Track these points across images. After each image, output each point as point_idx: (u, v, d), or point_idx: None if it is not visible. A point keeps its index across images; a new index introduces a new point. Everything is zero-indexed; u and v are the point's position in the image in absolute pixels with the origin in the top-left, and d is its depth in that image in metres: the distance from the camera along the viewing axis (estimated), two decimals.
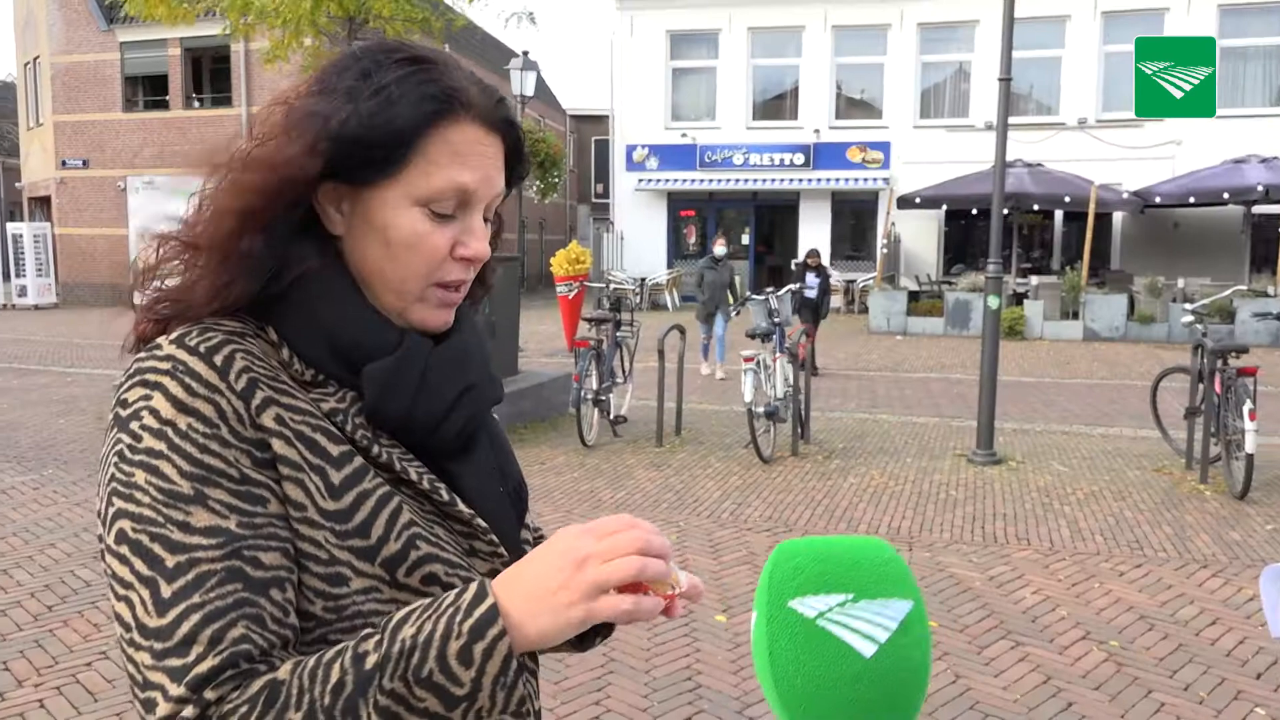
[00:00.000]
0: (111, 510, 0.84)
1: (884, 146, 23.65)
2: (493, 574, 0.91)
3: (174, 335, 0.88)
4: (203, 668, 0.78)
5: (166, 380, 0.85)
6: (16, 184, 32.47)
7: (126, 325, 0.95)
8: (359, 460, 0.90)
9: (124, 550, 0.82)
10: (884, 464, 7.73)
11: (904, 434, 9.01)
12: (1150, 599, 4.82)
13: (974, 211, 21.94)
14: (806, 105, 24.25)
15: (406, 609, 0.82)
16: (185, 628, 0.79)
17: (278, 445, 0.86)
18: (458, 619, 0.79)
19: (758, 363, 7.85)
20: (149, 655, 0.79)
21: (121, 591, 0.82)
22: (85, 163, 25.90)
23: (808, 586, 0.74)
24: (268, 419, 0.86)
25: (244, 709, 0.77)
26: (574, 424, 8.35)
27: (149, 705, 0.78)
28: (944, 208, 21.45)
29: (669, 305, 23.54)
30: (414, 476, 0.93)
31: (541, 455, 7.93)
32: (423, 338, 0.97)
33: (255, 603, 0.81)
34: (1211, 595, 4.87)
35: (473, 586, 0.82)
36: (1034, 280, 19.11)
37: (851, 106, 24.65)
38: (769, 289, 9.52)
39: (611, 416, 8.72)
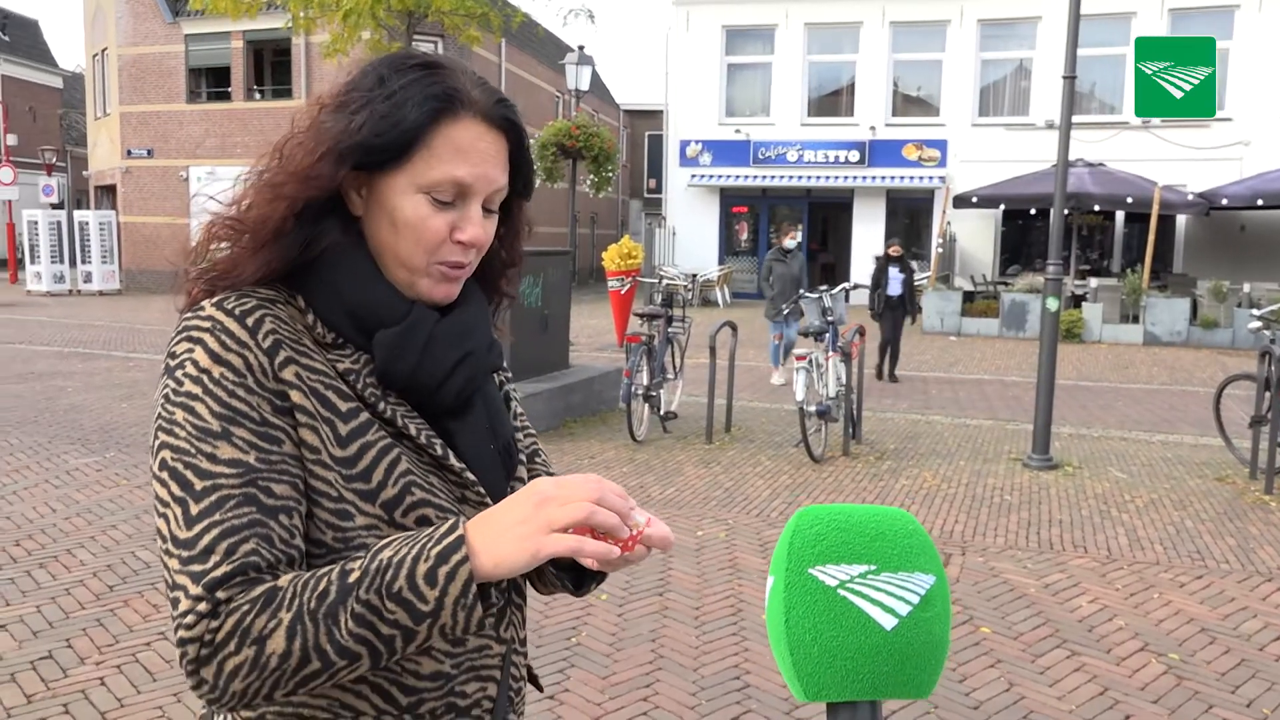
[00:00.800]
0: (157, 442, 0.99)
1: (941, 144, 23.36)
2: None
3: (216, 300, 1.03)
4: (217, 573, 0.92)
5: (206, 337, 1.00)
6: (84, 173, 33.32)
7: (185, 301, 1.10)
8: (365, 415, 1.05)
9: (164, 475, 0.98)
10: (937, 466, 7.63)
11: (957, 436, 8.89)
12: (1212, 611, 4.71)
13: (1032, 212, 21.59)
14: (862, 102, 24.01)
15: (391, 537, 0.96)
16: (206, 540, 0.94)
17: (295, 396, 1.01)
18: (428, 545, 0.92)
19: (810, 361, 7.79)
20: (177, 562, 0.94)
21: (161, 509, 0.97)
22: (150, 153, 26.48)
23: (829, 554, 0.73)
24: (288, 374, 1.01)
25: (245, 606, 0.91)
26: (624, 419, 8.35)
27: (175, 602, 0.93)
28: (1001, 207, 21.11)
29: (720, 302, 23.47)
30: (413, 431, 1.07)
31: (591, 449, 7.95)
32: (429, 310, 1.10)
33: (265, 524, 0.96)
34: (1276, 609, 4.74)
35: (448, 521, 0.95)
36: (1093, 282, 18.74)
37: (908, 104, 24.36)
38: (823, 286, 9.43)
39: (661, 412, 8.71)
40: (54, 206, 27.73)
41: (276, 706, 1.04)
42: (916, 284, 12.49)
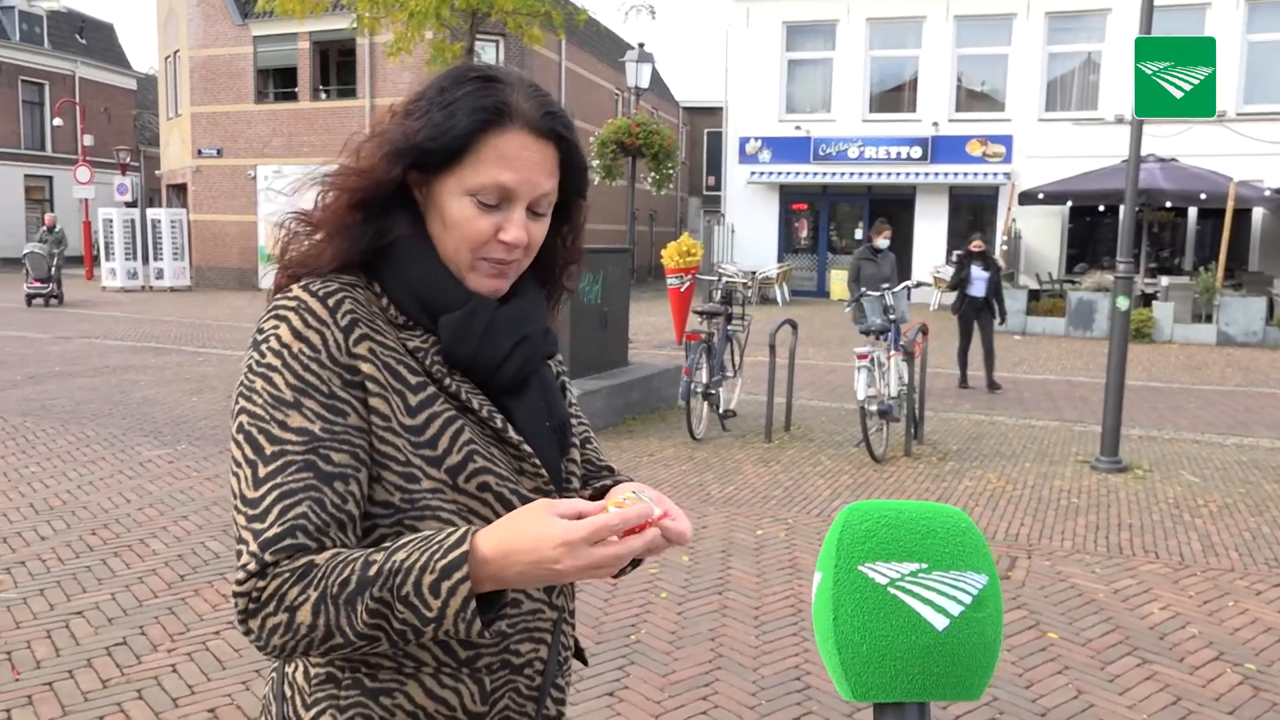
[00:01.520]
0: (237, 407, 1.10)
1: (1006, 140, 22.93)
2: (536, 491, 1.18)
3: (303, 283, 1.15)
4: (270, 533, 1.02)
5: (291, 315, 1.11)
6: (156, 172, 34.19)
7: (253, 310, 1.16)
8: (432, 389, 1.15)
9: (240, 438, 1.08)
10: (1001, 467, 7.50)
11: (1022, 437, 8.73)
12: None
13: (1100, 208, 21.09)
14: (925, 97, 23.66)
15: (409, 536, 1.03)
16: (267, 501, 1.04)
17: (367, 369, 1.11)
18: (435, 557, 0.98)
19: (872, 360, 7.70)
20: (243, 518, 1.05)
21: (234, 469, 1.08)
22: (219, 152, 27.07)
23: (879, 552, 0.72)
24: (362, 349, 1.11)
25: (285, 575, 1.01)
26: (683, 417, 8.34)
27: (238, 554, 1.04)
28: (1068, 204, 20.66)
29: (779, 299, 23.33)
30: (476, 405, 1.17)
31: (650, 447, 7.95)
32: (488, 298, 1.19)
33: (319, 489, 1.05)
34: None
35: (457, 533, 1.00)
36: (1164, 281, 18.27)
37: (972, 99, 23.94)
38: (884, 284, 9.31)
39: (721, 410, 8.68)
40: (128, 205, 28.44)
41: (341, 655, 1.11)
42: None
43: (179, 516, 5.84)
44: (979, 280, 10.97)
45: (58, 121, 34.42)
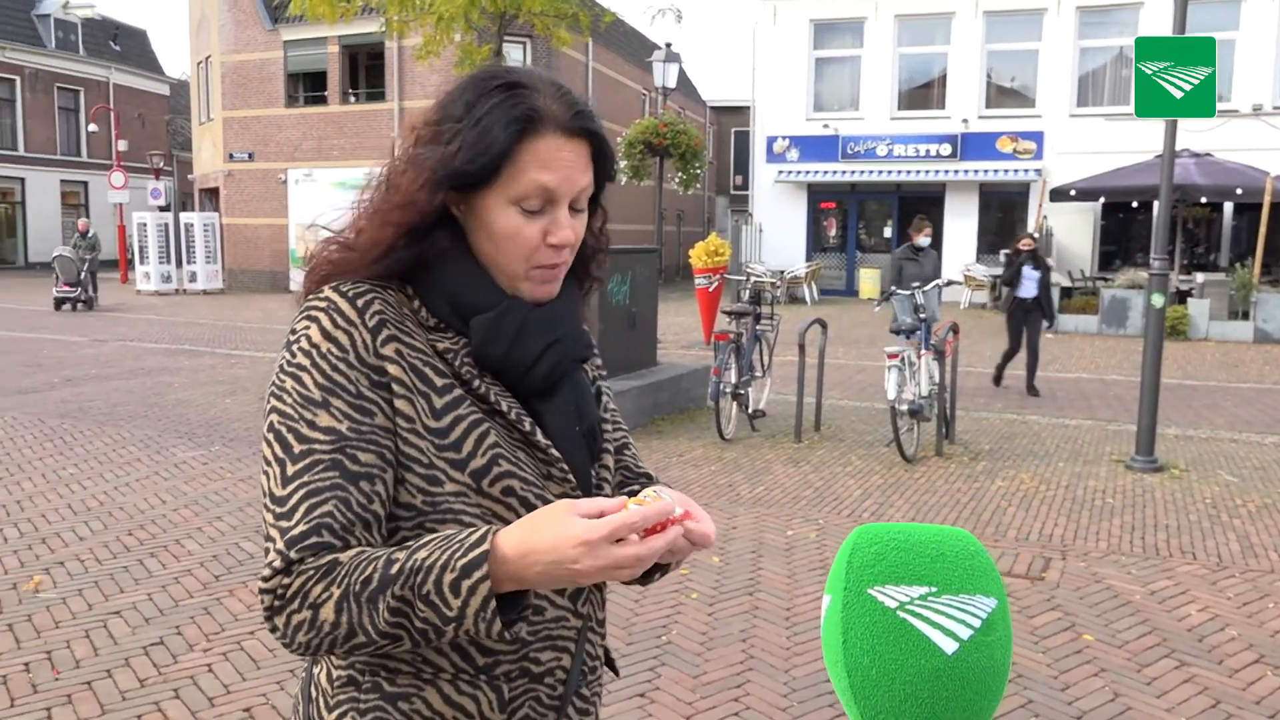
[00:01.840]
0: (269, 406, 1.12)
1: (1036, 136, 22.70)
2: (563, 497, 1.16)
3: (334, 284, 1.16)
4: (296, 531, 1.04)
5: (321, 316, 1.13)
6: (189, 176, 34.57)
7: (285, 312, 1.24)
8: (459, 391, 1.14)
9: (270, 436, 1.10)
10: (1034, 467, 7.42)
11: (1055, 437, 8.64)
12: None
13: (1133, 205, 20.83)
14: (954, 94, 23.48)
15: (431, 535, 1.04)
16: (294, 499, 1.05)
17: (394, 370, 1.11)
18: (456, 556, 0.99)
19: (902, 359, 7.65)
20: (272, 516, 1.06)
21: (265, 467, 1.09)
22: (250, 156, 27.33)
23: (889, 575, 0.72)
24: (389, 350, 1.12)
25: (310, 572, 1.02)
26: (712, 417, 8.32)
27: (266, 551, 1.05)
28: (1101, 200, 20.43)
29: (807, 299, 23.24)
30: (505, 408, 1.16)
31: (679, 448, 7.94)
32: (520, 300, 1.19)
33: (345, 488, 1.06)
34: None
35: (478, 532, 1.00)
36: (1199, 277, 18.02)
37: (1002, 95, 23.73)
38: (915, 283, 9.24)
39: (750, 411, 8.66)
40: (161, 209, 28.78)
41: (364, 655, 1.13)
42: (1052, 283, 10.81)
43: (214, 517, 5.90)
44: (1029, 280, 10.61)
45: (93, 127, 34.90)
